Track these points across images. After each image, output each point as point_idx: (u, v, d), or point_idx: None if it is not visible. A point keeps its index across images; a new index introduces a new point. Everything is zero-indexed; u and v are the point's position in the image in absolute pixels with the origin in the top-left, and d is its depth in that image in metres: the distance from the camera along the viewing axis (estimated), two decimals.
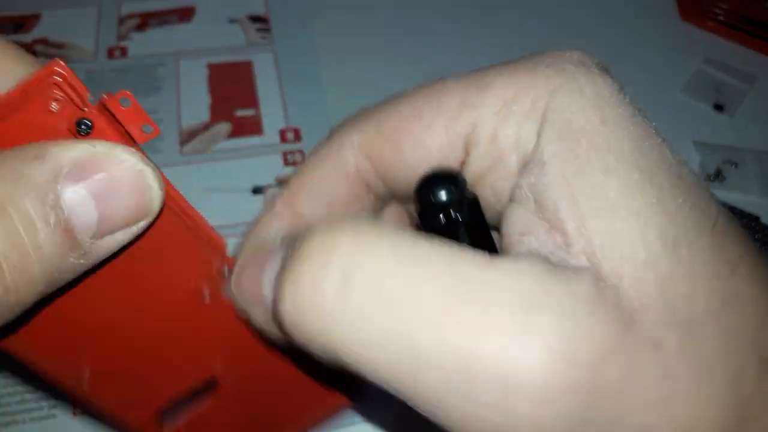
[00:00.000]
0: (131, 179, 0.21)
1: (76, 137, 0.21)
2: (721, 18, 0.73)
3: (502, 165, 0.24)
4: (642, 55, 0.70)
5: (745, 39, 0.71)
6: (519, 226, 0.22)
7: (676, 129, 0.63)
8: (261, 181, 0.55)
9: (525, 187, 0.22)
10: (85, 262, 0.22)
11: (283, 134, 0.59)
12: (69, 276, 0.22)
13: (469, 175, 0.25)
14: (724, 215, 0.22)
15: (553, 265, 0.20)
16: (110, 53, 0.65)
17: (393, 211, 0.30)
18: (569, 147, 0.22)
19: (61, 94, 0.21)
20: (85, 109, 0.21)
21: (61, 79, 0.21)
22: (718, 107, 0.65)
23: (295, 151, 0.58)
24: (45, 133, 0.21)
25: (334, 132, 0.28)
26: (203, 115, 0.60)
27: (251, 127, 0.60)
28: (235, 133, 0.59)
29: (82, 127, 0.21)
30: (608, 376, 0.19)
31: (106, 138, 0.21)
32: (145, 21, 0.68)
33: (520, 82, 0.24)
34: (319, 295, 0.20)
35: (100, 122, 0.21)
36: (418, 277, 0.20)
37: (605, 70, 0.24)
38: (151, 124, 0.22)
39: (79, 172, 0.20)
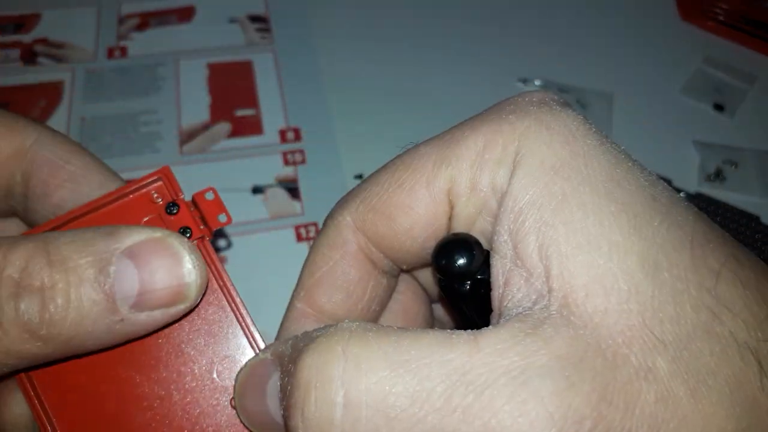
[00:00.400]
0: (173, 265, 0.25)
1: (166, 216, 0.28)
2: (721, 18, 0.73)
3: (486, 210, 0.25)
4: (642, 55, 0.70)
5: (745, 39, 0.72)
6: (501, 277, 0.23)
7: (676, 129, 0.63)
8: (261, 181, 0.55)
9: (503, 234, 0.23)
10: (122, 330, 0.24)
11: (283, 134, 0.59)
12: (104, 336, 0.24)
13: (460, 225, 0.26)
14: (702, 224, 0.22)
15: (533, 324, 0.20)
16: (110, 53, 0.65)
17: (405, 282, 0.31)
18: (544, 186, 0.22)
19: (164, 189, 0.28)
20: (178, 198, 0.28)
21: (166, 178, 0.28)
22: (718, 107, 0.66)
23: (296, 150, 0.58)
24: (145, 214, 0.28)
25: (327, 217, 0.29)
26: (203, 114, 0.60)
27: (251, 126, 0.60)
28: (235, 132, 0.59)
29: (172, 208, 0.28)
30: (610, 418, 0.19)
31: (185, 219, 0.28)
32: (145, 21, 0.68)
33: (488, 131, 0.24)
34: (330, 425, 0.21)
35: (184, 206, 0.28)
36: (417, 386, 0.20)
37: (566, 105, 0.24)
38: (227, 214, 0.28)
39: (134, 251, 0.24)
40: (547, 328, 0.20)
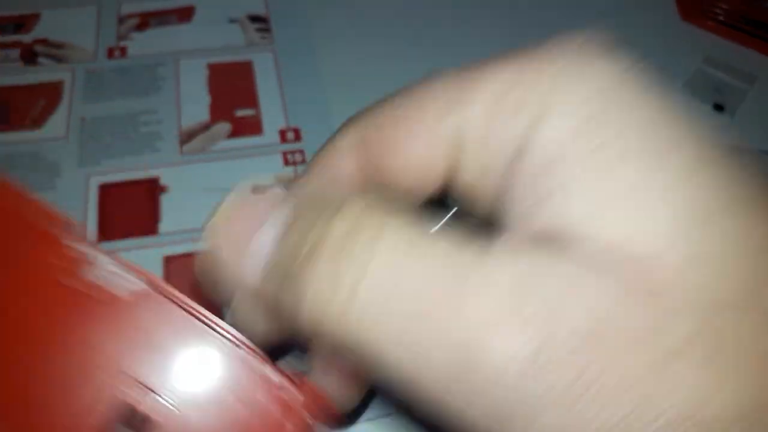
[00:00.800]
0: None
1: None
2: (721, 18, 0.73)
3: (494, 171, 0.22)
4: (642, 54, 0.70)
5: (746, 39, 0.71)
6: (528, 200, 0.21)
7: None
8: (261, 182, 0.55)
9: (524, 188, 0.21)
10: None
11: (283, 134, 0.59)
12: None
13: (460, 184, 0.24)
14: (758, 184, 0.20)
15: (560, 243, 0.19)
16: (110, 53, 0.65)
17: None
18: (579, 135, 0.20)
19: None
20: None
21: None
22: (718, 107, 0.65)
23: (296, 150, 0.58)
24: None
25: (332, 136, 0.27)
26: (203, 114, 0.60)
27: (251, 126, 0.60)
28: (235, 132, 0.59)
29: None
30: (602, 348, 0.17)
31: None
32: (145, 21, 0.68)
33: (514, 71, 0.22)
34: (339, 293, 0.20)
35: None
36: (425, 272, 0.19)
37: (612, 48, 0.22)
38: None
39: None
40: (575, 248, 0.19)
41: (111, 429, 0.23)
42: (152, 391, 0.23)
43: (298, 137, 0.59)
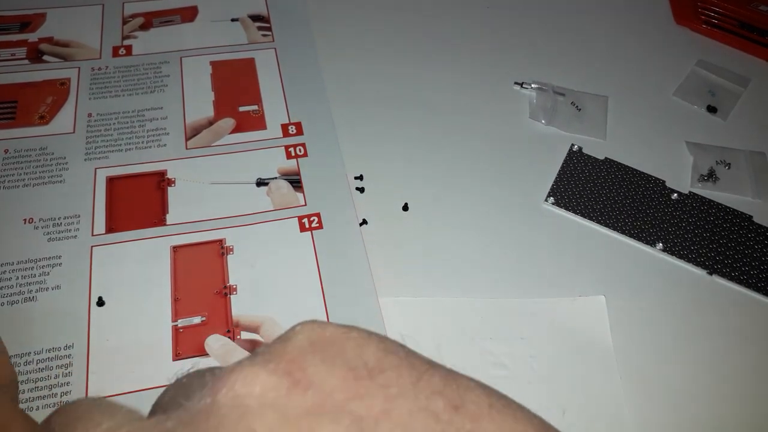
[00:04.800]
0: None
1: None
2: (715, 21, 0.74)
3: None
4: (637, 57, 0.71)
5: (739, 42, 0.73)
6: None
7: (669, 131, 0.64)
8: (265, 174, 0.56)
9: None
10: None
11: (285, 128, 0.60)
12: None
13: None
14: None
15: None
16: (115, 51, 0.66)
17: None
18: None
19: None
20: None
21: None
22: (712, 109, 0.66)
23: (298, 144, 0.59)
24: None
25: None
26: (208, 111, 0.61)
27: (254, 122, 0.61)
28: (239, 128, 0.60)
29: None
30: None
31: None
32: (149, 20, 0.69)
33: None
34: None
35: None
36: None
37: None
38: None
39: None
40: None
41: None
42: None
43: (300, 131, 0.60)
